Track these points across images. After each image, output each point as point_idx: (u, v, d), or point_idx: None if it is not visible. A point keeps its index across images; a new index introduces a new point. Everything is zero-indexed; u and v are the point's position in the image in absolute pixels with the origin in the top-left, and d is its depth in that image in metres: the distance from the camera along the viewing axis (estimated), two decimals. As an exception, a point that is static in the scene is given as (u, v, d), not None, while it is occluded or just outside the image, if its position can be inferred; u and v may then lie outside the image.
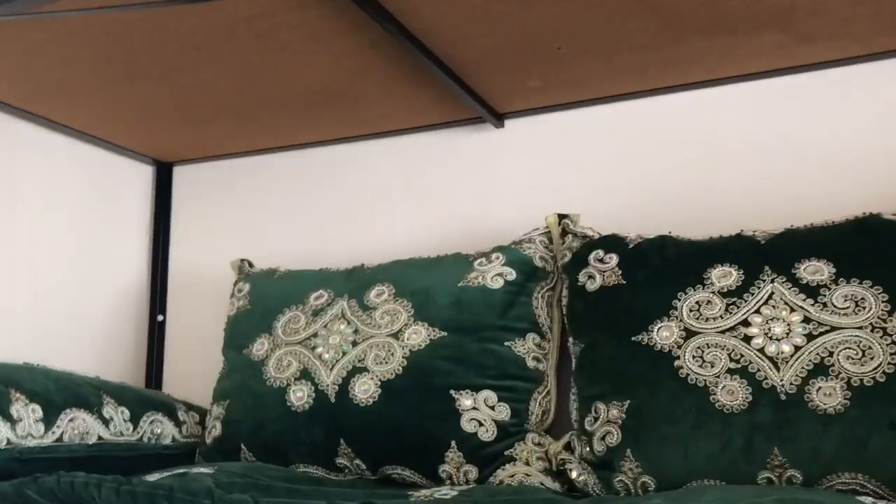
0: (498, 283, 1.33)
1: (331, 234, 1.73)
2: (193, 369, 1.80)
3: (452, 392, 1.26)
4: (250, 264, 1.67)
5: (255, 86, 1.47)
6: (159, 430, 1.39)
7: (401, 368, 1.29)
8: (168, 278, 1.90)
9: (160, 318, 1.88)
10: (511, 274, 1.34)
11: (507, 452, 1.24)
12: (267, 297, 1.52)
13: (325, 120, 1.63)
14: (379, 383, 1.29)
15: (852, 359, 1.05)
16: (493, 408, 1.26)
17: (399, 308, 1.35)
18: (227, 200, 1.87)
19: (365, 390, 1.30)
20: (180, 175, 1.93)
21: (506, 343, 1.30)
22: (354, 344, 1.35)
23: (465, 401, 1.26)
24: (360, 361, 1.32)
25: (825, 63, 1.34)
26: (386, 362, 1.30)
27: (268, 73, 1.42)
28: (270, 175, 1.83)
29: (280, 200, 1.81)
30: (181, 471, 1.05)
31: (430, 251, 1.51)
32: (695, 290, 1.17)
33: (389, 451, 1.29)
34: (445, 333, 1.30)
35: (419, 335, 1.31)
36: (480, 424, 1.25)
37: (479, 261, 1.38)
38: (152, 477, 1.00)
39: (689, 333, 1.15)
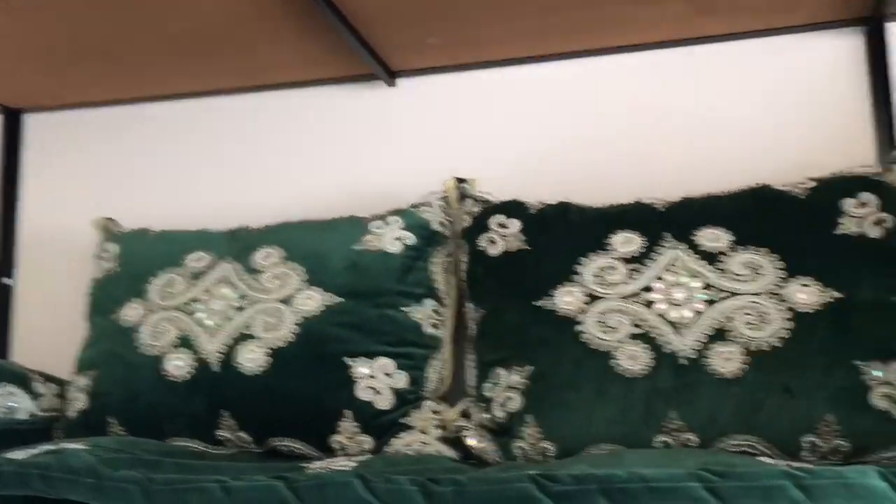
0: (396, 247, 1.28)
1: (208, 194, 1.61)
2: (46, 337, 1.64)
3: (348, 359, 1.21)
4: (116, 224, 1.53)
5: (130, 26, 1.33)
6: (14, 404, 1.24)
7: (293, 335, 1.22)
8: (16, 238, 1.72)
9: (7, 281, 1.69)
10: (409, 238, 1.29)
11: (403, 421, 1.20)
12: (138, 258, 1.39)
13: (207, 68, 1.51)
14: (268, 351, 1.21)
15: (750, 324, 1.07)
16: (390, 375, 1.21)
17: (290, 272, 1.27)
18: (88, 154, 1.70)
19: (252, 359, 1.21)
20: (33, 124, 1.74)
21: (403, 309, 1.25)
22: (240, 309, 1.26)
23: (362, 368, 1.20)
24: (246, 328, 1.24)
25: (723, 36, 1.37)
26: (276, 329, 1.22)
27: (147, 12, 1.29)
28: (140, 127, 1.68)
29: (150, 156, 1.66)
30: (51, 447, 0.94)
31: (317, 213, 1.43)
32: (598, 256, 1.17)
33: (278, 423, 1.21)
34: (342, 299, 1.24)
35: (313, 300, 1.24)
36: (377, 393, 1.20)
37: (375, 224, 1.31)
38: (18, 454, 0.88)
39: (593, 299, 1.14)
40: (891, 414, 1.03)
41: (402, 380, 1.22)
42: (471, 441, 1.18)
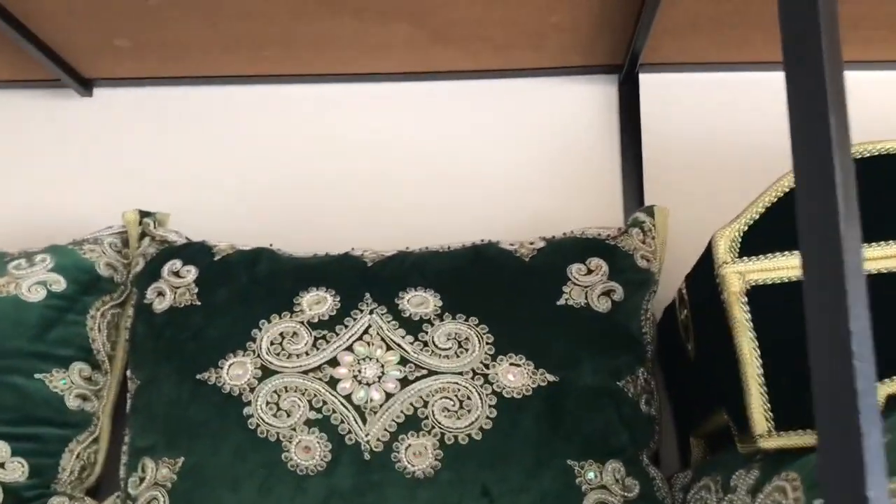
0: (37, 295, 1.00)
1: None
2: None
3: (-58, 444, 0.91)
4: None
5: None
6: None
7: None
8: None
9: None
10: (59, 283, 1.01)
11: (13, 527, 0.91)
12: None
13: None
14: None
15: (448, 410, 0.88)
16: (1, 465, 0.92)
17: None
18: None
19: None
20: None
21: (38, 375, 0.97)
22: None
23: (-40, 456, 0.91)
24: None
25: (465, 72, 1.19)
26: None
27: None
28: None
29: None
30: None
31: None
32: (281, 319, 0.94)
33: None
34: (-54, 360, 0.94)
35: None
36: (-23, 489, 0.90)
37: (16, 263, 1.03)
38: None
39: (267, 373, 0.91)
40: (605, 524, 0.86)
41: (18, 471, 0.93)
42: (104, 553, 0.91)
